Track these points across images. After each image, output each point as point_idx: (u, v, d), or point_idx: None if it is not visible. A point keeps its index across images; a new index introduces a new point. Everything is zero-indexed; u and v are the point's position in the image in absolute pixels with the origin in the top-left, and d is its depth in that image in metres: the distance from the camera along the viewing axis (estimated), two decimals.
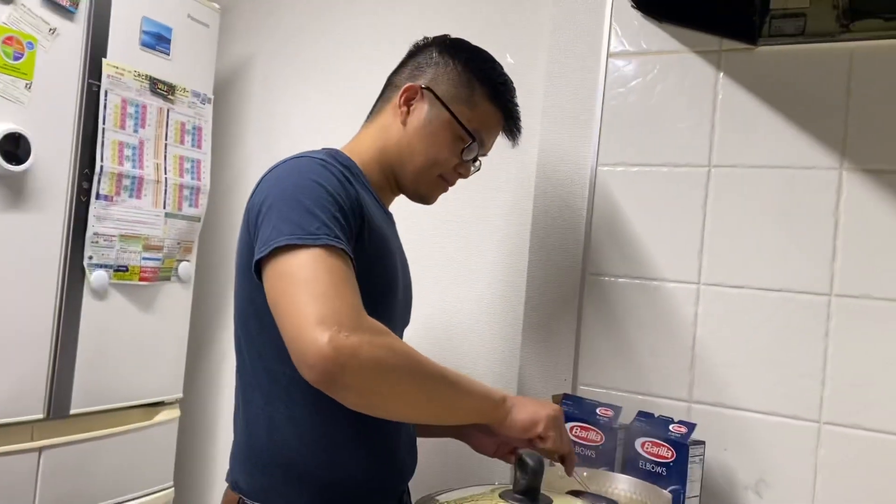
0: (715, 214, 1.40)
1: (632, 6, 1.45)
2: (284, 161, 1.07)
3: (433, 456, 1.63)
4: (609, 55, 1.51)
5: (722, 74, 1.41)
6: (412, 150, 1.18)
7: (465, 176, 1.25)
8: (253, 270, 0.98)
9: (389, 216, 1.23)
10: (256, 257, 0.96)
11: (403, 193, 1.25)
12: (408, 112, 1.19)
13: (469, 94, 1.19)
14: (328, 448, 1.06)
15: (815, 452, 1.29)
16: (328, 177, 1.02)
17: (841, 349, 1.28)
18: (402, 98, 1.18)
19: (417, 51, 1.25)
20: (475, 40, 1.27)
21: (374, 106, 1.27)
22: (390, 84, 1.25)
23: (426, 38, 1.27)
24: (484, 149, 1.24)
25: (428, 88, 1.18)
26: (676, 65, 1.44)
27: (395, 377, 0.91)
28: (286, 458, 1.05)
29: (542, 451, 1.08)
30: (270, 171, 1.07)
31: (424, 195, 1.24)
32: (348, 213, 1.00)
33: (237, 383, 1.13)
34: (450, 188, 1.26)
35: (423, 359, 0.95)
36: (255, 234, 1.00)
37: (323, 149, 1.14)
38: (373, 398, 0.91)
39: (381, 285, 1.08)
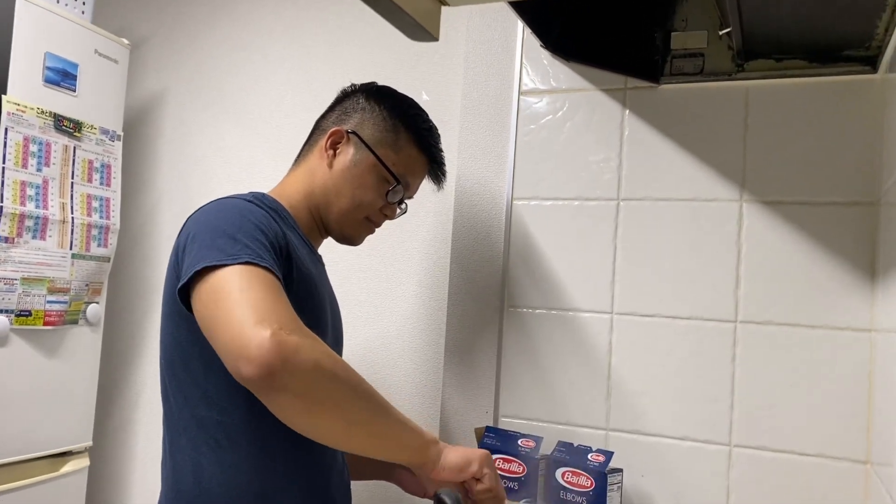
0: (625, 246, 1.44)
1: (541, 46, 1.49)
2: (210, 202, 1.08)
3: (365, 499, 1.61)
4: (521, 92, 1.55)
5: (628, 111, 1.46)
6: (338, 192, 1.20)
7: (391, 217, 1.27)
8: (179, 301, 0.96)
9: (318, 258, 1.24)
10: (179, 285, 0.94)
11: (330, 235, 1.26)
12: (334, 155, 1.21)
13: (394, 139, 1.22)
14: (258, 496, 1.03)
15: (727, 475, 1.34)
16: (253, 210, 1.03)
17: (747, 374, 1.34)
18: (329, 141, 1.20)
19: (344, 97, 1.28)
20: (390, 78, 1.29)
21: (302, 150, 1.28)
22: (317, 128, 1.27)
23: (353, 84, 1.30)
24: (409, 192, 1.27)
25: (354, 132, 1.21)
26: (585, 102, 1.49)
27: (334, 385, 0.89)
28: None
29: (480, 492, 1.04)
30: (196, 211, 1.07)
31: (350, 237, 1.25)
32: (273, 242, 0.99)
33: (164, 430, 1.10)
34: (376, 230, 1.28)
35: (360, 377, 0.94)
36: (181, 269, 0.98)
37: (250, 192, 1.14)
38: (309, 404, 0.87)
39: (309, 326, 1.08)
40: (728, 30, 1.27)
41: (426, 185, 1.33)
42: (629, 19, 1.44)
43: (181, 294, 0.95)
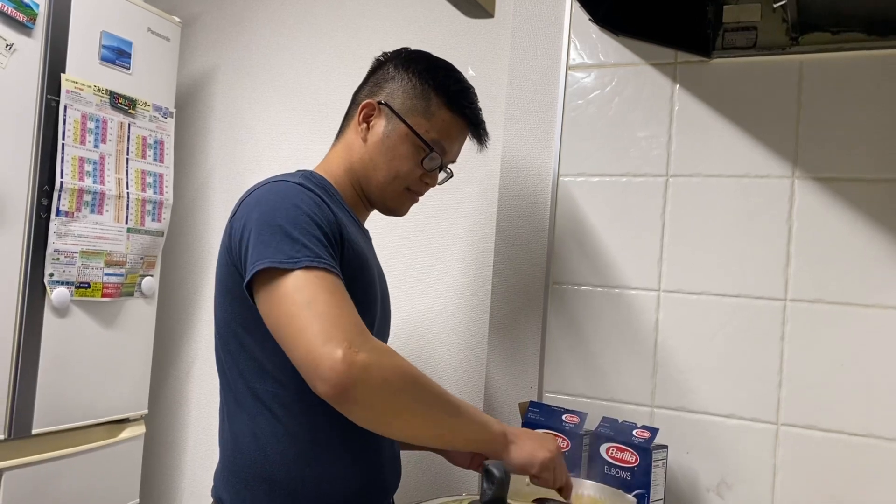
0: (673, 223, 1.43)
1: (589, 20, 1.48)
2: (262, 184, 1.09)
3: (413, 469, 1.64)
4: (568, 67, 1.53)
5: (678, 86, 1.44)
6: (374, 165, 1.20)
7: (433, 184, 1.26)
8: (246, 292, 1.01)
9: (366, 232, 1.25)
10: (245, 282, 0.99)
11: (375, 208, 1.26)
12: (367, 128, 1.21)
13: (425, 105, 1.20)
14: (313, 464, 1.07)
15: (774, 453, 1.33)
16: (305, 199, 1.04)
17: (796, 352, 1.32)
18: (361, 115, 1.21)
19: (378, 67, 1.27)
20: (437, 53, 1.28)
21: (341, 125, 1.28)
22: (353, 102, 1.27)
23: (385, 53, 1.28)
24: (448, 157, 1.25)
25: (385, 103, 1.20)
26: (634, 77, 1.47)
27: (403, 395, 0.95)
28: (271, 473, 1.06)
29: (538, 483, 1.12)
30: (249, 194, 1.08)
31: (393, 208, 1.26)
32: (328, 233, 1.01)
33: (221, 401, 1.14)
34: (420, 198, 1.28)
35: (428, 381, 0.99)
36: (239, 258, 1.02)
37: (298, 171, 1.16)
38: (379, 415, 0.95)
39: (362, 301, 1.10)
40: (783, 2, 1.24)
41: (471, 154, 1.31)
42: None
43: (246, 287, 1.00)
